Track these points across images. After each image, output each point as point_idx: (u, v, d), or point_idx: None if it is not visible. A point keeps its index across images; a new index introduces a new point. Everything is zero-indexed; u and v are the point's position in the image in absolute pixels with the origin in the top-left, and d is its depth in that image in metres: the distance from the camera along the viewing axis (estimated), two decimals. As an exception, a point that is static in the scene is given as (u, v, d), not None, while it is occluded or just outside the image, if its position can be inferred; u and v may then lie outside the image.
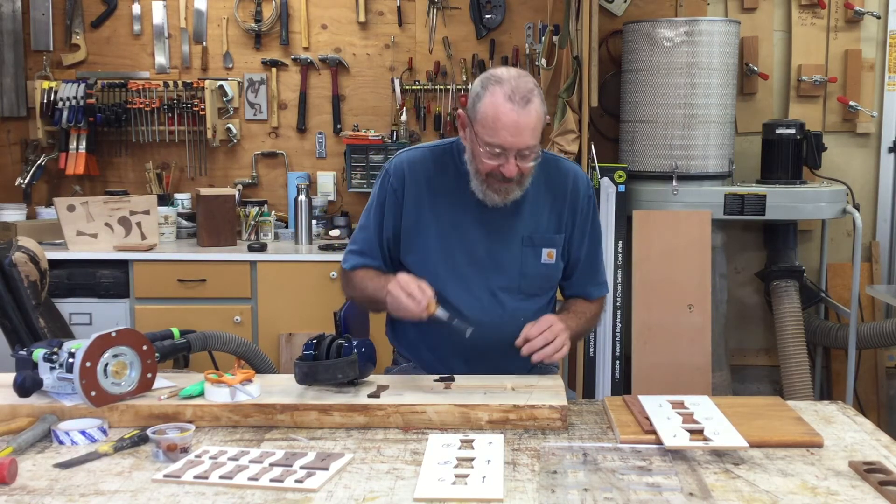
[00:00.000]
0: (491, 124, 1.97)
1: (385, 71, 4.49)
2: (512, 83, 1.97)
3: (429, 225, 2.18)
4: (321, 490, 1.50)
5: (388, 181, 2.21)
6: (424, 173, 2.19)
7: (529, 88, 1.98)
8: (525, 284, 2.19)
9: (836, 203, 3.89)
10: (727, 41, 3.88)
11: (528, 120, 1.96)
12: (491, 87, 1.99)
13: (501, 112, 1.95)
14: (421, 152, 2.23)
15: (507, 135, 1.96)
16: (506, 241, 2.16)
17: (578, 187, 2.22)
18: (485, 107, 1.99)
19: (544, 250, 2.19)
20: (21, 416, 1.81)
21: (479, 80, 2.05)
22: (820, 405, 2.00)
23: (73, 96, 4.29)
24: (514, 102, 1.95)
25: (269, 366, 3.10)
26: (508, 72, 2.01)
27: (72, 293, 3.89)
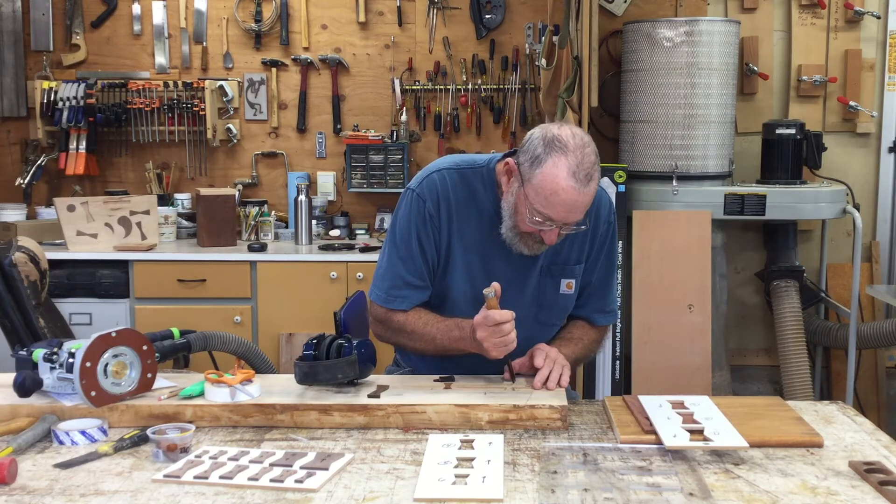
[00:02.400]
0: (547, 196, 1.86)
1: (385, 71, 4.49)
2: (578, 156, 1.85)
3: (456, 250, 2.08)
4: (321, 490, 1.50)
5: (423, 207, 2.05)
6: (454, 197, 2.06)
7: (592, 162, 1.86)
8: (542, 315, 2.14)
9: (836, 203, 3.89)
10: (727, 41, 3.88)
11: (586, 200, 1.87)
12: (555, 155, 1.85)
13: (562, 189, 1.84)
14: (450, 174, 2.07)
15: (561, 211, 1.87)
16: (526, 270, 2.09)
17: (600, 214, 2.12)
18: (544, 176, 1.86)
19: (563, 281, 2.12)
20: (21, 416, 1.81)
21: (541, 137, 1.89)
22: (820, 405, 2.00)
23: (73, 96, 4.29)
24: (578, 180, 1.84)
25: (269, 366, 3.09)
26: (574, 139, 1.87)
27: (72, 293, 3.89)
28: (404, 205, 2.08)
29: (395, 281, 2.08)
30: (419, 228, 2.05)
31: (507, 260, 2.07)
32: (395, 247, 2.08)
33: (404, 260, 2.07)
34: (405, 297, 2.08)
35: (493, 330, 1.90)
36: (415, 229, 2.05)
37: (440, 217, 2.05)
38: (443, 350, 2.06)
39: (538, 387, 1.92)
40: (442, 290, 2.10)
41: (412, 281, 2.08)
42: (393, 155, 4.32)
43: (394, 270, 2.08)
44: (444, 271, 2.09)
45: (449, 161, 2.12)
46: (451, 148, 4.48)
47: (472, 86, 4.43)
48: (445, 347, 2.04)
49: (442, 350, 2.06)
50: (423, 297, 2.10)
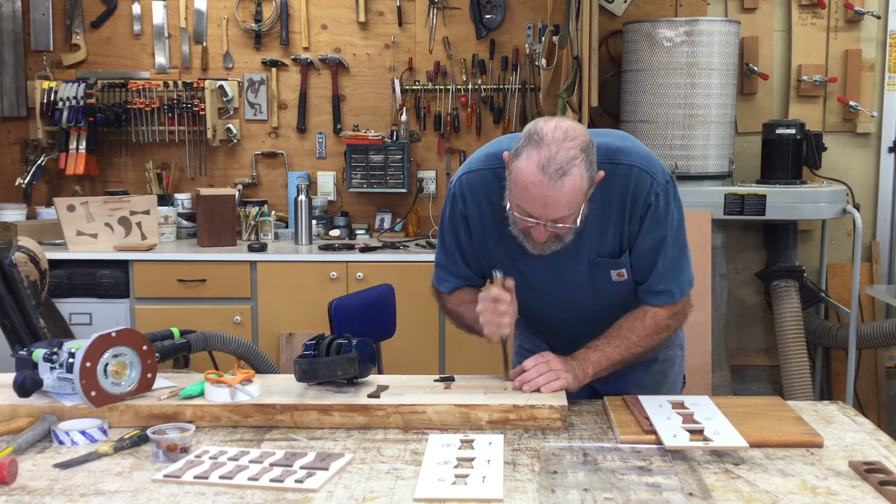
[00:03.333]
0: (521, 191, 1.81)
1: (385, 71, 4.49)
2: (551, 149, 1.77)
3: (493, 248, 2.06)
4: (321, 490, 1.50)
5: (456, 204, 2.07)
6: (485, 196, 2.03)
7: (570, 157, 1.77)
8: (601, 299, 2.08)
9: (836, 203, 3.89)
10: (727, 41, 3.88)
11: (559, 195, 1.78)
12: (529, 148, 1.80)
13: (530, 182, 1.78)
14: (480, 174, 2.04)
15: (535, 206, 1.81)
16: (571, 265, 2.02)
17: (637, 195, 1.96)
18: (518, 169, 1.81)
19: (613, 272, 2.03)
20: (21, 416, 1.81)
21: (526, 129, 1.85)
22: (820, 405, 2.00)
23: (73, 96, 4.29)
24: (547, 174, 1.76)
25: (269, 366, 3.10)
26: (554, 132, 1.80)
27: (72, 293, 3.89)
28: (447, 200, 2.13)
29: (438, 266, 2.20)
30: (455, 225, 2.11)
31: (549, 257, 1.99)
32: (441, 235, 2.17)
33: (444, 250, 2.16)
34: (446, 279, 2.18)
35: (489, 306, 1.95)
36: (450, 225, 2.11)
37: (472, 217, 2.07)
38: (469, 329, 2.13)
39: (517, 387, 1.91)
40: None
41: (450, 268, 2.16)
42: (393, 155, 4.32)
43: (438, 257, 2.19)
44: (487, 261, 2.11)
45: (484, 156, 2.07)
46: (451, 148, 4.48)
47: (472, 86, 4.43)
48: (471, 326, 2.11)
49: (469, 328, 2.13)
50: (464, 282, 2.17)
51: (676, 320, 2.11)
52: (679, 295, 2.07)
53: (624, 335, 2.04)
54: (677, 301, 2.07)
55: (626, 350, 2.03)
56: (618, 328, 2.06)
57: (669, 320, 2.08)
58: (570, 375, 1.94)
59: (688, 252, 2.11)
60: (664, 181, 1.99)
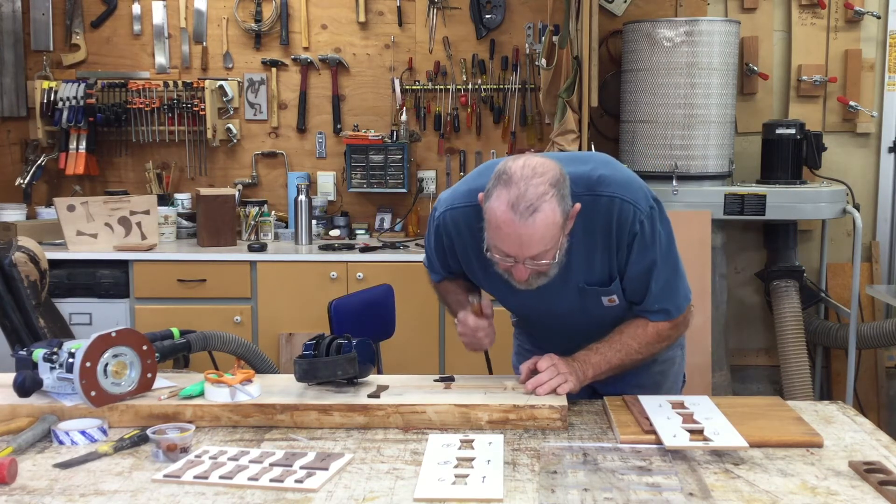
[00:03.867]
0: (494, 231, 1.82)
1: (385, 71, 4.48)
2: (521, 187, 1.77)
3: (482, 277, 2.09)
4: (321, 490, 1.50)
5: (440, 234, 2.10)
6: (469, 231, 2.03)
7: (540, 194, 1.77)
8: (595, 319, 2.09)
9: (836, 203, 3.89)
10: (727, 41, 3.88)
11: (532, 232, 1.78)
12: (498, 188, 1.80)
13: (502, 222, 1.79)
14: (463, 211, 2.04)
15: (510, 245, 1.81)
16: (561, 294, 2.03)
17: (622, 226, 1.95)
18: (489, 210, 1.82)
19: (604, 298, 2.04)
20: (21, 416, 1.81)
21: (497, 169, 1.85)
22: (820, 405, 2.00)
23: (73, 96, 4.29)
24: (517, 213, 1.76)
25: (269, 366, 3.10)
26: (523, 170, 1.80)
27: (72, 293, 3.89)
28: (431, 223, 2.15)
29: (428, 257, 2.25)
30: (440, 248, 2.15)
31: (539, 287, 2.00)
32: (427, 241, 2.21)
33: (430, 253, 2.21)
34: (433, 273, 2.25)
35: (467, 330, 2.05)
36: (436, 245, 2.15)
37: (457, 249, 2.11)
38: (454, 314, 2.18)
39: (529, 390, 1.91)
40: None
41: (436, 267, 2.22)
42: (393, 155, 4.32)
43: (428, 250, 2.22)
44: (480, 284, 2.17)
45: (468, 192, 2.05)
46: (451, 148, 4.48)
47: (472, 86, 4.43)
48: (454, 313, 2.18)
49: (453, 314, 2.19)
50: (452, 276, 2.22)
51: (678, 330, 2.12)
52: (676, 313, 2.08)
53: (625, 341, 2.05)
54: (673, 318, 2.08)
55: (626, 356, 2.04)
56: (619, 333, 2.06)
57: (671, 331, 2.10)
58: (574, 378, 1.95)
59: (681, 269, 2.10)
60: (647, 207, 1.97)
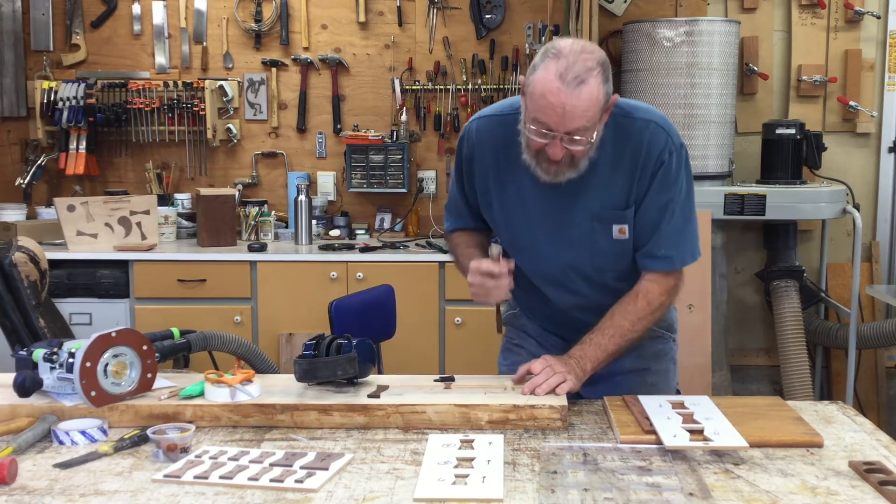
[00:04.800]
0: (538, 101, 1.83)
1: (385, 71, 4.49)
2: (569, 59, 1.80)
3: (496, 196, 2.09)
4: (321, 490, 1.50)
5: (462, 148, 2.14)
6: (491, 142, 2.07)
7: (588, 68, 1.80)
8: (598, 261, 2.06)
9: (836, 203, 3.89)
10: (727, 41, 3.88)
11: (576, 102, 1.79)
12: (547, 60, 1.83)
13: (549, 91, 1.80)
14: (489, 120, 2.10)
15: (553, 115, 1.81)
16: (573, 217, 2.02)
17: (651, 150, 1.97)
18: (536, 81, 1.84)
19: (615, 227, 2.01)
20: (21, 416, 1.81)
21: (542, 49, 1.89)
22: (820, 405, 2.00)
23: (73, 96, 4.29)
24: (565, 82, 1.79)
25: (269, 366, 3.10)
26: (572, 46, 1.84)
27: (72, 293, 3.89)
28: (458, 143, 2.18)
29: (446, 204, 2.28)
30: (460, 168, 2.17)
31: (551, 206, 2.02)
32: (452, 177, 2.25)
33: (451, 191, 2.24)
34: (449, 220, 2.27)
35: (478, 279, 1.99)
36: (457, 167, 2.19)
37: (474, 159, 2.11)
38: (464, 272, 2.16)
39: (526, 392, 1.89)
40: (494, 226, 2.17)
41: (452, 209, 2.24)
42: (393, 155, 4.32)
43: (449, 195, 2.27)
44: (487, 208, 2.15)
45: (498, 106, 2.15)
46: (451, 148, 4.48)
47: (472, 86, 4.43)
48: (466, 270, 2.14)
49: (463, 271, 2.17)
50: (466, 224, 2.23)
51: (669, 297, 2.07)
52: (679, 263, 2.04)
53: (617, 323, 2.03)
54: (675, 270, 2.05)
55: (621, 338, 2.02)
56: (610, 316, 2.04)
57: (662, 297, 2.05)
58: (573, 377, 1.94)
59: (694, 222, 2.09)
60: (679, 143, 2.02)
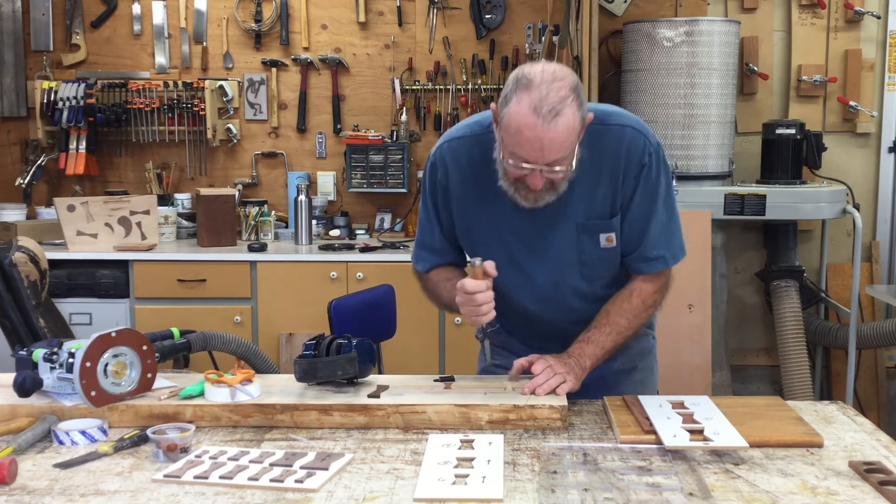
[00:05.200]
0: (514, 136, 1.79)
1: (385, 71, 4.49)
2: (542, 91, 1.76)
3: (476, 219, 2.05)
4: (321, 490, 1.50)
5: (435, 174, 2.07)
6: (468, 164, 2.02)
7: (562, 97, 1.76)
8: (586, 271, 2.05)
9: (836, 203, 3.89)
10: (727, 41, 3.88)
11: (554, 135, 1.76)
12: (519, 92, 1.78)
13: (524, 126, 1.76)
14: (462, 142, 2.05)
15: (531, 150, 1.78)
16: (558, 231, 2.00)
17: (631, 155, 1.96)
18: (510, 115, 1.79)
19: (602, 236, 2.00)
20: (21, 416, 1.81)
21: (513, 76, 1.83)
22: (820, 405, 2.00)
23: (73, 96, 4.29)
24: (540, 116, 1.75)
25: (269, 366, 3.10)
26: (542, 75, 1.79)
27: (72, 293, 3.89)
28: (425, 173, 2.12)
29: (417, 243, 2.19)
30: (432, 195, 2.09)
31: (535, 219, 2.00)
32: (421, 210, 2.16)
33: (423, 225, 2.15)
34: (424, 258, 2.17)
35: (466, 298, 1.92)
36: (430, 197, 2.10)
37: (448, 182, 2.05)
38: (448, 308, 2.13)
39: (526, 393, 1.89)
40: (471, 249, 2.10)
41: (428, 244, 2.15)
42: (393, 155, 4.33)
43: (417, 234, 2.18)
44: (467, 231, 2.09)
45: (465, 125, 2.09)
46: (451, 148, 4.48)
47: (472, 86, 4.43)
48: (448, 305, 2.11)
49: (448, 308, 2.13)
50: (442, 259, 2.16)
51: (662, 294, 2.09)
52: (671, 261, 2.05)
53: (613, 320, 2.03)
54: (669, 267, 2.06)
55: (618, 335, 2.03)
56: (605, 314, 2.04)
57: (656, 295, 2.07)
58: (573, 376, 1.94)
59: (678, 218, 2.08)
60: (655, 143, 2.00)
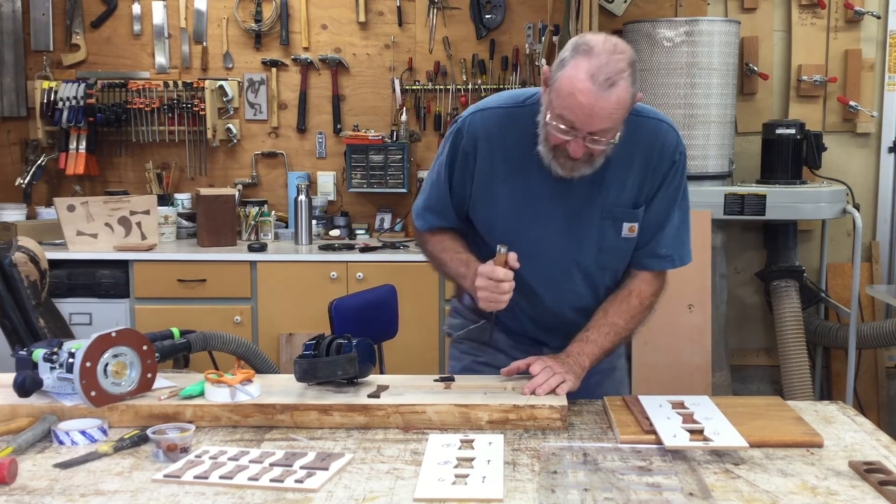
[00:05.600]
0: (566, 98, 1.78)
1: (385, 71, 4.49)
2: (602, 59, 1.75)
3: (500, 192, 2.01)
4: (321, 490, 1.50)
5: (459, 141, 2.02)
6: (499, 136, 2.00)
7: (619, 69, 1.76)
8: (602, 259, 2.05)
9: (836, 203, 3.89)
10: (727, 41, 3.88)
11: (605, 105, 1.76)
12: (578, 57, 1.78)
13: (578, 90, 1.75)
14: (495, 112, 2.02)
15: (580, 114, 1.77)
16: (585, 214, 2.00)
17: (664, 151, 2.00)
18: (564, 77, 1.78)
19: (626, 225, 2.01)
20: (21, 416, 1.81)
21: (572, 42, 1.83)
22: (820, 405, 2.00)
23: (73, 96, 4.29)
24: (596, 83, 1.74)
25: (269, 366, 3.10)
26: (604, 44, 1.78)
27: (72, 293, 3.89)
28: (449, 135, 2.08)
29: (421, 201, 2.16)
30: (453, 162, 2.05)
31: (562, 202, 1.99)
32: (432, 171, 2.13)
33: (433, 186, 2.12)
34: (426, 218, 2.14)
35: (490, 284, 1.91)
36: (448, 162, 2.06)
37: (476, 154, 2.02)
38: (449, 278, 2.12)
39: (526, 393, 1.89)
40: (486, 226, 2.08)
41: (434, 206, 2.12)
42: (393, 155, 4.33)
43: (424, 192, 2.15)
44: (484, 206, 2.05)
45: (501, 98, 2.06)
46: (451, 148, 4.48)
47: (472, 86, 4.43)
48: (451, 277, 2.10)
49: (448, 278, 2.12)
50: (444, 223, 2.13)
51: (657, 298, 2.11)
52: (678, 262, 2.09)
53: (612, 321, 2.04)
54: (675, 267, 2.10)
55: (616, 336, 2.05)
56: (604, 313, 2.05)
57: (653, 297, 2.09)
58: (572, 376, 1.94)
59: (689, 225, 2.13)
60: (684, 146, 2.05)
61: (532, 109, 1.96)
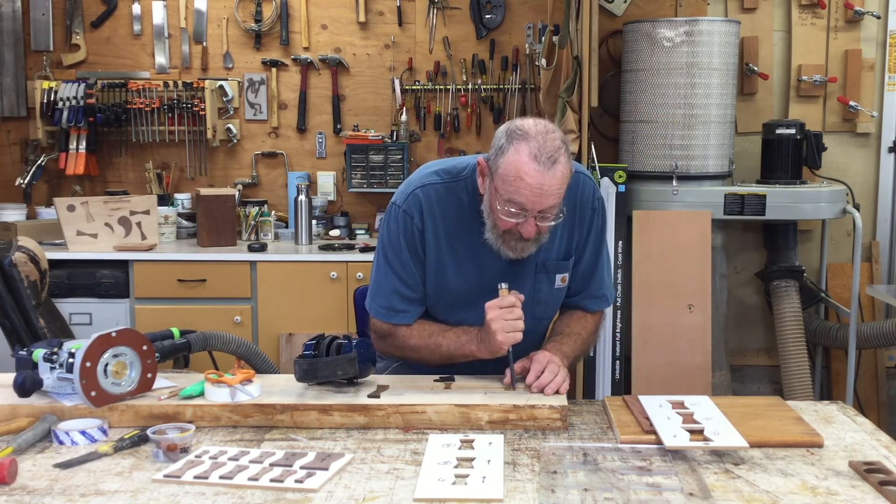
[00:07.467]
0: (513, 183, 1.86)
1: (385, 71, 4.49)
2: (539, 140, 1.85)
3: (447, 260, 2.08)
4: (321, 490, 1.50)
5: (410, 220, 2.05)
6: (441, 211, 2.06)
7: (556, 147, 1.86)
8: (538, 310, 2.15)
9: (836, 203, 3.89)
10: (727, 41, 3.88)
11: (552, 181, 1.85)
12: (516, 142, 1.87)
13: (525, 172, 1.84)
14: (434, 188, 2.07)
15: (529, 195, 1.86)
16: (521, 270, 2.08)
17: (584, 199, 2.12)
18: (507, 163, 1.87)
19: (558, 276, 2.13)
20: (21, 416, 1.81)
21: (505, 129, 1.92)
22: (820, 405, 2.00)
23: (73, 96, 4.29)
24: (540, 163, 1.84)
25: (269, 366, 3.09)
26: (536, 126, 1.89)
27: (72, 293, 3.89)
28: (392, 220, 2.09)
29: (393, 296, 2.11)
30: (409, 243, 2.08)
31: (500, 264, 2.06)
32: (389, 262, 2.10)
33: (400, 275, 2.10)
34: (407, 311, 2.12)
35: (503, 311, 1.94)
36: (405, 244, 2.08)
37: (426, 232, 2.07)
38: (448, 358, 2.08)
39: (534, 390, 1.90)
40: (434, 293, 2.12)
41: (410, 295, 2.11)
42: (393, 155, 4.33)
43: (392, 285, 2.11)
44: (434, 276, 2.10)
45: (432, 173, 2.10)
46: (451, 148, 4.48)
47: (472, 86, 4.43)
48: (452, 354, 2.07)
49: (448, 358, 2.08)
50: (422, 309, 2.14)
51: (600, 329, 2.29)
52: (612, 299, 2.26)
53: (576, 331, 2.17)
54: (609, 305, 2.26)
55: (579, 347, 2.16)
56: (567, 326, 2.18)
57: (599, 326, 2.26)
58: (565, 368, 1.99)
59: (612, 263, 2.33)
60: (600, 192, 2.22)
61: (467, 182, 2.06)
